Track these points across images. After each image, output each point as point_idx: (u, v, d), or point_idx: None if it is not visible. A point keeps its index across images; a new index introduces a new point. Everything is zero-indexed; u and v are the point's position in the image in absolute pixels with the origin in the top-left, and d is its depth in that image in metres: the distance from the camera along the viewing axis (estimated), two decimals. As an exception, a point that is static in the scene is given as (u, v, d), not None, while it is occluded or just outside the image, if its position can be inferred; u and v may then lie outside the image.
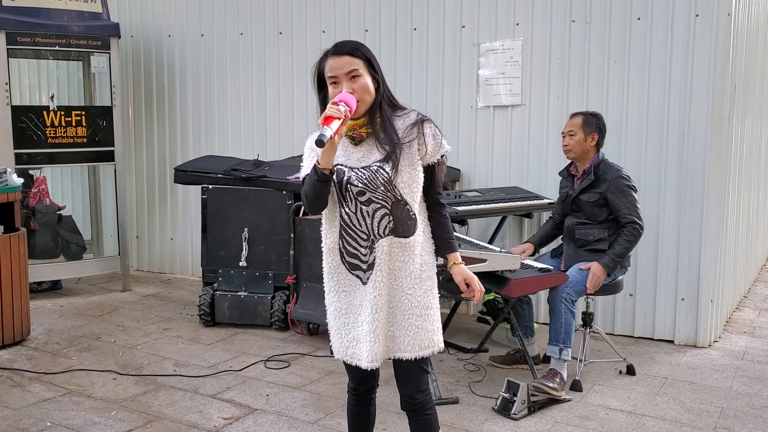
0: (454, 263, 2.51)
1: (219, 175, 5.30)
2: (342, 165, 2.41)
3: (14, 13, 5.67)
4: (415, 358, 2.44)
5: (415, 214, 2.41)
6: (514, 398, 3.60)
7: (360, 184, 2.37)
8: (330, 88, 2.37)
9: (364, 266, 2.43)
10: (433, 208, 2.50)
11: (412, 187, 2.39)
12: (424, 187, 2.44)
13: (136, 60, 6.95)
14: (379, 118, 2.38)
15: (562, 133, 4.21)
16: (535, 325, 4.50)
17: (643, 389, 4.05)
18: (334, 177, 2.40)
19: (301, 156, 2.52)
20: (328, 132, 2.20)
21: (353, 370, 2.55)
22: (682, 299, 4.82)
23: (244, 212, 5.19)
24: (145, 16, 6.86)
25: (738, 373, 4.33)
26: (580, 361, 4.09)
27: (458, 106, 5.48)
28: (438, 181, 2.48)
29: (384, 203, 2.38)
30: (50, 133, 5.85)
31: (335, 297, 2.52)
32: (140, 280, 6.67)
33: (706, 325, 4.77)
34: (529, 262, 4.15)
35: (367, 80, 2.35)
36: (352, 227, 2.42)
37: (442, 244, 2.51)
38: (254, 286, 5.16)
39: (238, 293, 5.14)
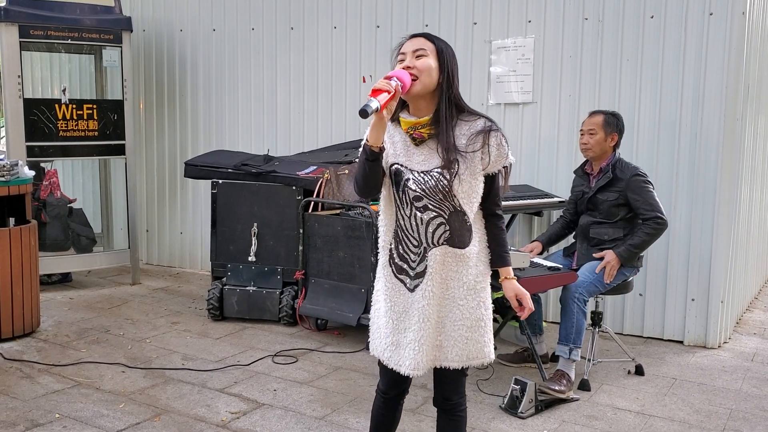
0: (506, 277, 2.43)
1: (229, 170, 5.31)
2: (402, 165, 2.32)
3: (27, 6, 5.70)
4: (461, 368, 2.39)
5: (471, 225, 2.33)
6: (522, 397, 3.59)
7: (418, 190, 2.28)
8: (396, 66, 2.28)
9: (412, 273, 2.35)
10: (489, 219, 2.39)
11: (471, 197, 2.29)
12: (482, 196, 2.33)
13: (147, 54, 6.97)
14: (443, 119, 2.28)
15: (581, 130, 4.17)
16: (544, 323, 4.48)
17: (652, 389, 4.03)
18: (392, 177, 2.32)
19: (311, 152, 2.50)
20: (374, 104, 2.07)
21: (386, 374, 2.47)
22: (693, 300, 4.79)
23: (254, 207, 5.20)
24: (157, 10, 6.88)
25: (748, 374, 4.30)
26: (589, 360, 4.07)
27: (469, 102, 5.36)
28: (497, 192, 2.37)
29: (441, 212, 2.29)
30: (62, 126, 5.88)
31: (381, 296, 2.44)
32: (150, 274, 6.70)
33: (716, 326, 4.75)
34: (539, 260, 4.13)
35: (432, 63, 2.25)
36: (406, 231, 2.34)
37: (495, 257, 2.40)
38: (263, 281, 5.17)
39: (247, 288, 5.15)
